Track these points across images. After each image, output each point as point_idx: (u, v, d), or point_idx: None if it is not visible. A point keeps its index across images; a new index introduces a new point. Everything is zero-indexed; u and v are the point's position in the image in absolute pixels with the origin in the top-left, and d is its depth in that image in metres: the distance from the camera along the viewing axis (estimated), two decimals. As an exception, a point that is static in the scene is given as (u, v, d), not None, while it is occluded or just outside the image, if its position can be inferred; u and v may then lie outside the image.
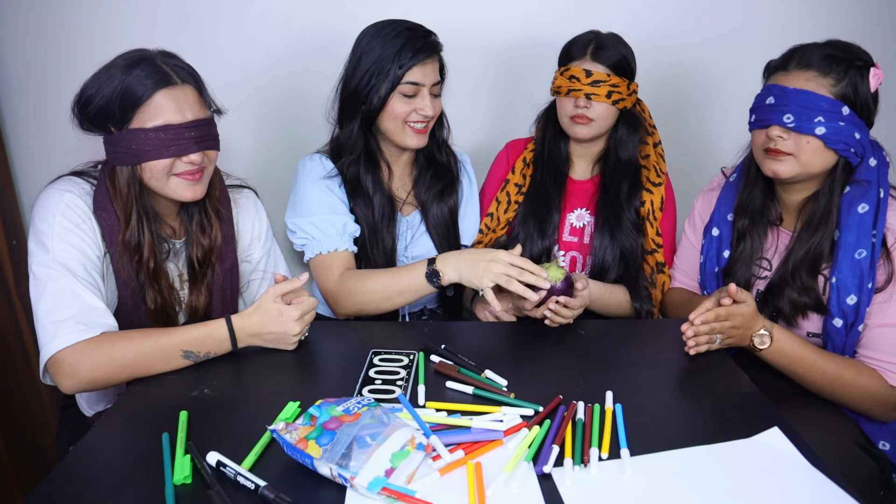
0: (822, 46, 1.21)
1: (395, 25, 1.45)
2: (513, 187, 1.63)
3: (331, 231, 1.47)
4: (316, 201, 1.48)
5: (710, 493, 0.85)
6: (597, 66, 1.47)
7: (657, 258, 1.55)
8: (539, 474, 0.88)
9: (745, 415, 1.03)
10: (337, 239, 1.47)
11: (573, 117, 1.50)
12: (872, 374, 1.20)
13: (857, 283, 1.18)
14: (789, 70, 1.21)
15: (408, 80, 1.42)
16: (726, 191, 1.40)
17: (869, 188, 1.19)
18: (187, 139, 1.16)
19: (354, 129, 1.49)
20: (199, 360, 1.16)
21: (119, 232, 1.20)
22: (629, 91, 1.50)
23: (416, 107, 1.45)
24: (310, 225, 1.48)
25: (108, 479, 0.87)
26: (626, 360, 1.20)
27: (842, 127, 1.16)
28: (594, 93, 1.46)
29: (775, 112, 1.19)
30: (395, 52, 1.41)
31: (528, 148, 1.66)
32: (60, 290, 1.12)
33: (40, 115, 1.76)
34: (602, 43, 1.48)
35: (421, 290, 1.36)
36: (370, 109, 1.45)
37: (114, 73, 1.14)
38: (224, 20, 1.73)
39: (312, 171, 1.50)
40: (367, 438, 0.86)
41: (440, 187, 1.60)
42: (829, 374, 1.20)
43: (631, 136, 1.57)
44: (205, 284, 1.32)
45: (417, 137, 1.49)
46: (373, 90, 1.43)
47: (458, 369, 1.14)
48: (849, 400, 1.22)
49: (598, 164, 1.62)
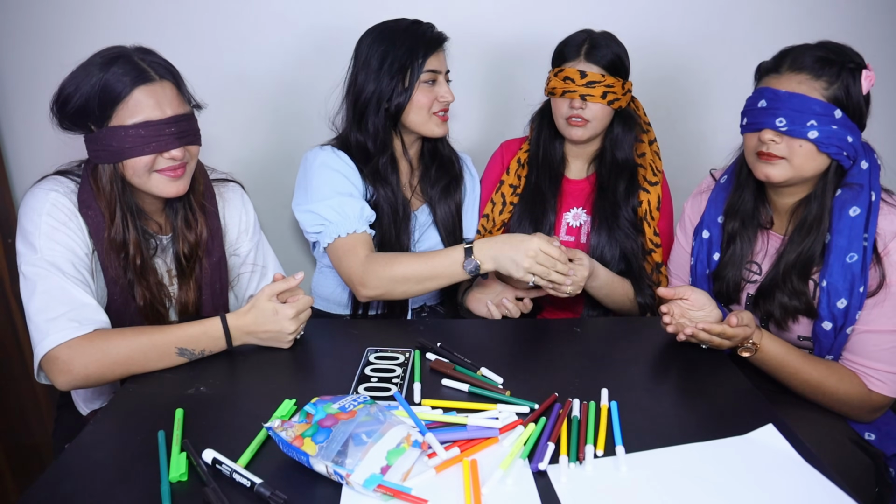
0: (814, 48, 1.20)
1: (397, 24, 1.47)
2: (507, 188, 1.63)
3: (350, 213, 1.43)
4: (331, 187, 1.45)
5: (705, 490, 0.86)
6: (591, 67, 1.46)
7: (655, 258, 1.55)
8: (534, 471, 0.88)
9: (740, 412, 1.03)
10: (356, 221, 1.43)
11: (568, 119, 1.49)
12: (853, 380, 1.22)
13: (847, 286, 1.18)
14: (781, 73, 1.20)
15: (428, 68, 1.45)
16: (716, 193, 1.39)
17: (861, 191, 1.18)
18: (167, 135, 1.16)
19: (380, 129, 1.49)
20: (193, 358, 1.16)
21: (105, 229, 1.20)
22: (624, 90, 1.49)
23: (437, 95, 1.48)
24: (327, 209, 1.44)
25: (103, 477, 0.87)
26: (622, 358, 1.20)
27: (834, 130, 1.15)
28: (589, 94, 1.45)
29: (767, 115, 1.18)
30: (410, 46, 1.44)
31: (523, 148, 1.65)
32: (51, 288, 1.12)
33: (34, 114, 1.75)
34: (595, 43, 1.47)
35: (455, 277, 1.35)
36: (398, 105, 1.46)
37: (91, 71, 1.14)
38: (218, 18, 1.73)
39: (326, 159, 1.48)
40: (362, 436, 0.86)
41: (446, 182, 1.62)
42: (812, 381, 1.22)
43: (626, 135, 1.56)
44: (193, 279, 1.32)
45: (443, 125, 1.52)
46: (396, 86, 1.45)
47: (453, 367, 1.14)
48: (830, 403, 1.24)
49: (594, 163, 1.61)
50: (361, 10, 1.68)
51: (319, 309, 1.67)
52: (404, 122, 1.50)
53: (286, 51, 1.77)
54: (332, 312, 1.66)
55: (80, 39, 1.70)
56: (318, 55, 1.76)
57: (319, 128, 1.69)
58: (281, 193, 1.88)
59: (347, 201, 1.44)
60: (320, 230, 1.45)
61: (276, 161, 1.87)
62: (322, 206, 1.44)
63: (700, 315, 1.20)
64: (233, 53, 1.76)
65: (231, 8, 1.73)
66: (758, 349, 1.21)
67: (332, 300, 1.65)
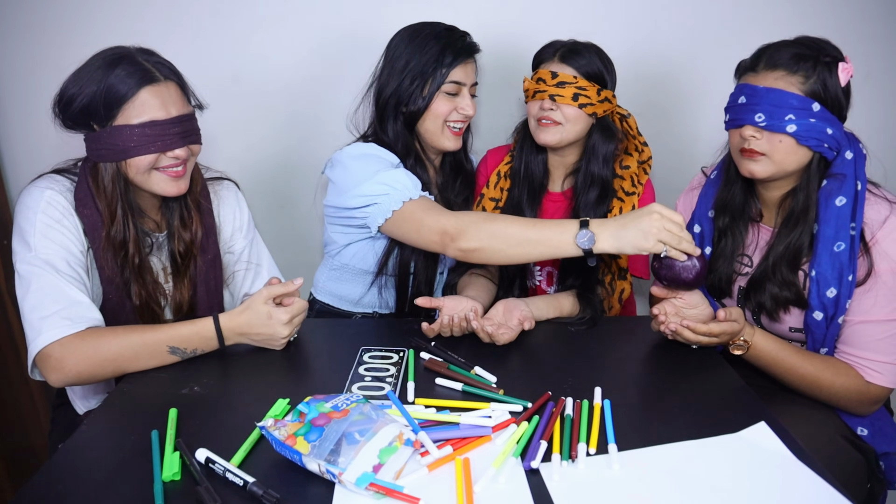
0: (790, 45, 1.21)
1: (433, 27, 1.45)
2: (489, 202, 1.58)
3: (406, 182, 1.36)
4: (377, 165, 1.39)
5: (697, 488, 0.86)
6: (563, 68, 1.41)
7: (620, 263, 1.50)
8: (527, 469, 0.89)
9: (732, 410, 1.03)
10: (414, 189, 1.36)
11: (539, 120, 1.45)
12: (850, 372, 1.22)
13: (836, 275, 1.19)
14: (758, 70, 1.22)
15: (451, 79, 1.43)
16: (707, 188, 1.40)
17: (845, 181, 1.20)
18: (172, 135, 1.17)
19: (399, 132, 1.48)
20: (186, 357, 1.16)
21: (102, 228, 1.20)
22: (600, 97, 1.42)
23: (457, 106, 1.46)
24: (378, 185, 1.36)
25: (97, 476, 0.87)
26: (615, 357, 1.21)
27: (813, 123, 1.17)
28: (559, 94, 1.40)
29: (747, 111, 1.20)
30: (437, 53, 1.41)
31: (505, 160, 1.60)
32: (44, 286, 1.13)
33: (30, 114, 1.75)
34: (573, 48, 1.43)
35: (562, 250, 1.21)
36: (415, 110, 1.45)
37: (94, 72, 1.14)
38: (215, 19, 1.73)
39: (364, 149, 1.43)
40: (355, 434, 0.86)
41: (466, 195, 1.62)
42: (808, 375, 1.22)
43: (604, 145, 1.48)
44: (188, 277, 1.33)
45: (454, 139, 1.49)
46: (416, 91, 1.43)
47: (447, 366, 1.15)
48: (827, 398, 1.24)
49: (571, 177, 1.56)
50: (359, 12, 1.68)
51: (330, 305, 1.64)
52: (419, 128, 1.48)
53: (284, 51, 1.77)
54: (329, 312, 1.65)
55: (76, 39, 1.70)
56: (315, 56, 1.76)
57: (317, 129, 1.69)
58: (277, 194, 1.88)
59: (398, 173, 1.37)
60: (381, 200, 1.35)
61: (273, 162, 1.87)
62: (388, 176, 1.36)
63: (693, 313, 1.21)
64: (230, 54, 1.76)
65: (228, 9, 1.72)
66: (750, 347, 1.22)
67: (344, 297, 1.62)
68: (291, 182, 1.89)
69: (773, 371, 1.25)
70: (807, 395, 1.25)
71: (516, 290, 1.59)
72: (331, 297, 1.65)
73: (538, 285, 1.62)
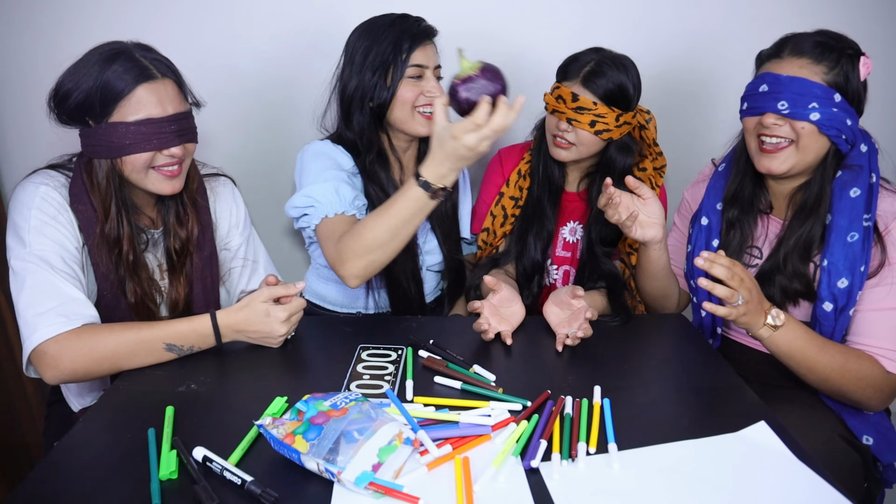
0: (813, 35, 1.22)
1: (384, 18, 1.44)
2: (508, 201, 1.59)
3: (344, 195, 1.36)
4: (326, 171, 1.40)
5: (697, 488, 0.86)
6: (585, 92, 1.39)
7: (633, 260, 1.52)
8: (527, 469, 0.88)
9: (731, 409, 1.03)
10: (347, 204, 1.36)
11: (554, 137, 1.46)
12: (872, 362, 1.18)
13: (849, 266, 1.18)
14: (782, 57, 1.22)
15: (413, 62, 1.41)
16: (715, 180, 1.39)
17: (861, 172, 1.20)
18: (168, 132, 1.16)
19: (365, 127, 1.47)
20: (182, 354, 1.16)
21: (97, 224, 1.19)
22: (618, 123, 1.40)
23: (423, 90, 1.44)
24: (317, 190, 1.36)
25: (93, 475, 0.86)
26: (615, 356, 1.20)
27: (835, 113, 1.17)
28: (576, 119, 1.39)
29: (769, 99, 1.20)
30: (395, 40, 1.40)
31: (525, 159, 1.60)
32: (39, 282, 1.12)
33: (25, 109, 1.74)
34: (598, 69, 1.38)
35: (424, 208, 1.18)
36: (380, 102, 1.44)
37: (91, 67, 1.13)
38: (211, 15, 1.72)
39: (322, 148, 1.45)
40: (354, 433, 0.85)
41: None
42: (835, 360, 1.16)
43: (622, 160, 1.49)
44: (184, 274, 1.32)
45: (427, 124, 1.47)
46: (379, 82, 1.42)
47: (446, 364, 1.14)
48: (851, 388, 1.18)
49: (587, 178, 1.58)
50: (355, 7, 1.66)
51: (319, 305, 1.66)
52: (389, 119, 1.47)
53: (279, 47, 1.76)
54: (327, 308, 1.65)
55: (71, 35, 1.68)
56: (311, 52, 1.75)
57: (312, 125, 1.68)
58: (273, 190, 1.87)
59: (342, 186, 1.38)
60: (309, 212, 1.37)
61: (269, 158, 1.86)
62: (315, 188, 1.37)
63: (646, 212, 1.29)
64: (225, 50, 1.75)
65: (223, 4, 1.71)
66: (783, 325, 1.14)
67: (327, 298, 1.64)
68: (288, 178, 1.88)
69: (805, 355, 1.15)
70: (830, 384, 1.18)
71: (535, 287, 1.59)
72: (316, 297, 1.65)
73: (553, 283, 1.63)
